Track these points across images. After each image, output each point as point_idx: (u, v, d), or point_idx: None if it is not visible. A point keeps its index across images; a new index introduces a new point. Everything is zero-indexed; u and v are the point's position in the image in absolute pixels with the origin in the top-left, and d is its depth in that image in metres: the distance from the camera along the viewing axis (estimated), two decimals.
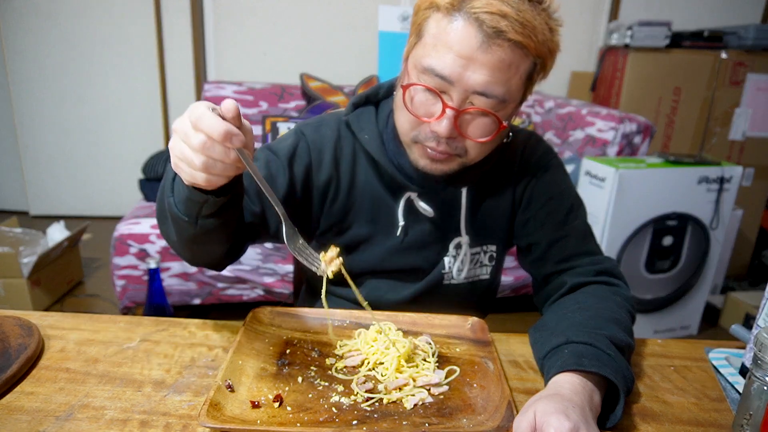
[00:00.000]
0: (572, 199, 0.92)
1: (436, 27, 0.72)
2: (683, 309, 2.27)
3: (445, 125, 0.74)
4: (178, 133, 0.60)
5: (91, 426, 0.60)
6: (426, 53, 0.73)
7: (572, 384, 0.64)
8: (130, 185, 3.17)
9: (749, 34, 2.55)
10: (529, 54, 0.72)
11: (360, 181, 0.90)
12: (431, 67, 0.72)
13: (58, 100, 3.17)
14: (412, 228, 0.90)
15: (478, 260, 0.95)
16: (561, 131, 2.65)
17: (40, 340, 0.75)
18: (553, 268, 0.90)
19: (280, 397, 0.65)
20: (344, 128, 0.90)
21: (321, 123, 0.91)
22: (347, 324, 0.84)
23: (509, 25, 0.68)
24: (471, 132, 0.76)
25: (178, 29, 3.04)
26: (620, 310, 0.78)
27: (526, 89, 0.77)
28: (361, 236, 0.91)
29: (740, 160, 2.73)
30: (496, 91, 0.72)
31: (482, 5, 0.68)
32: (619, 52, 2.69)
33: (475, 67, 0.70)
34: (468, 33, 0.69)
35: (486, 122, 0.75)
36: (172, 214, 0.70)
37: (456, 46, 0.70)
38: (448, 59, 0.71)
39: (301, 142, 0.88)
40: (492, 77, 0.71)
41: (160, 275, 1.52)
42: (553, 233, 0.90)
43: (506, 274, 2.22)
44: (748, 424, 0.60)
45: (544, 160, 0.93)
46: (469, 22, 0.69)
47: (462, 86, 0.72)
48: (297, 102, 2.79)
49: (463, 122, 0.75)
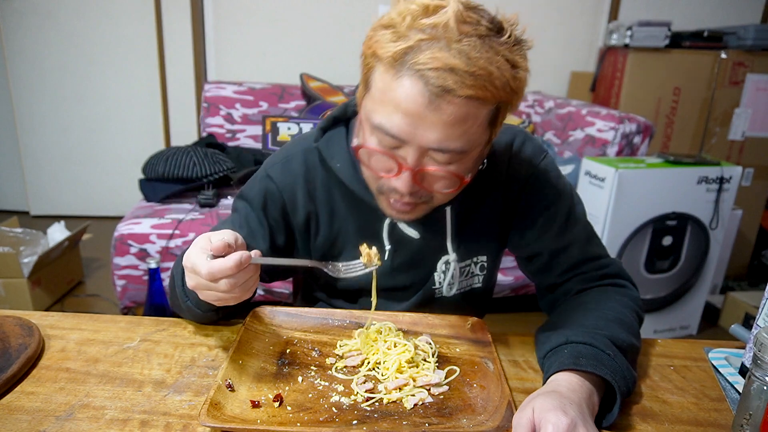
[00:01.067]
0: (569, 201, 0.88)
1: (381, 81, 0.65)
2: (683, 309, 2.27)
3: (404, 184, 0.69)
4: (198, 284, 0.66)
5: (91, 426, 0.61)
6: (374, 109, 0.67)
7: (570, 382, 0.64)
8: (130, 185, 3.16)
9: (749, 35, 2.55)
10: (486, 103, 0.64)
11: (339, 210, 0.87)
12: (381, 125, 0.66)
13: (58, 100, 3.17)
14: (399, 250, 0.88)
15: (468, 272, 0.93)
16: (561, 131, 2.65)
17: (41, 340, 0.75)
18: (557, 279, 0.88)
19: (280, 397, 0.65)
20: (313, 158, 0.86)
21: (287, 159, 0.87)
22: (347, 324, 0.84)
23: (458, 80, 0.60)
24: (433, 186, 0.72)
25: (178, 29, 3.04)
26: (625, 310, 0.77)
27: (492, 131, 0.70)
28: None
29: (740, 160, 2.73)
30: (452, 146, 0.65)
31: (426, 60, 0.60)
32: (618, 52, 2.69)
33: (426, 126, 0.64)
34: (414, 91, 0.62)
35: (447, 177, 0.70)
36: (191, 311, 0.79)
37: (402, 105, 0.63)
38: (396, 119, 0.64)
39: (270, 187, 0.86)
40: (445, 134, 0.64)
41: (160, 275, 1.52)
42: (555, 243, 0.86)
43: (506, 274, 2.22)
44: (747, 424, 0.60)
45: (534, 162, 0.87)
46: (415, 79, 0.61)
47: (415, 144, 0.65)
48: (297, 102, 2.79)
49: (424, 177, 0.70)
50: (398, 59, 0.62)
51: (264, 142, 2.60)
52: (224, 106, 2.74)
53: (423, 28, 0.62)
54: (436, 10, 0.63)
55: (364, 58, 0.68)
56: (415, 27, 0.62)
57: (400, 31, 0.63)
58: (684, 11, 3.14)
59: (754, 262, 2.93)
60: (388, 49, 0.63)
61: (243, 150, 2.65)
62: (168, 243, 2.00)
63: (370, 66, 0.67)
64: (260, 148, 2.69)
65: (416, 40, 0.61)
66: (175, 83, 3.14)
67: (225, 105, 2.74)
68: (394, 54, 0.62)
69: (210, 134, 2.74)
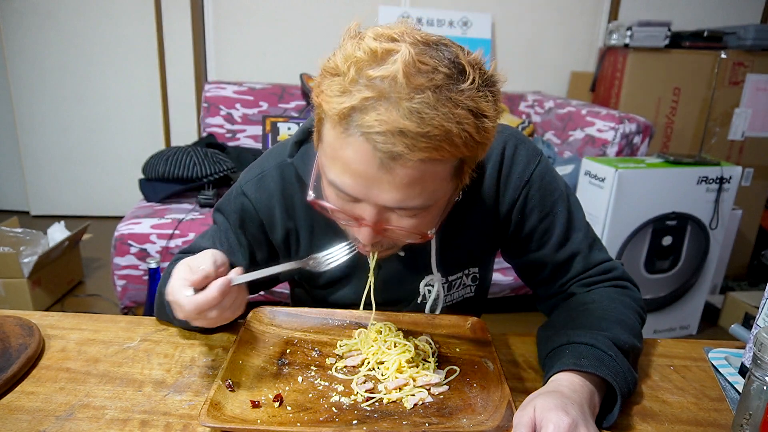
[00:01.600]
0: (567, 207, 0.84)
1: (331, 137, 0.59)
2: (683, 309, 2.27)
3: (365, 236, 0.65)
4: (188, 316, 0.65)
5: (91, 426, 0.61)
6: (327, 164, 0.62)
7: (571, 382, 0.64)
8: (130, 185, 3.16)
9: (749, 35, 2.55)
10: (446, 160, 0.58)
11: (319, 226, 0.84)
12: (334, 183, 0.61)
13: (58, 100, 3.17)
14: (384, 267, 0.85)
15: (460, 284, 0.91)
16: (561, 131, 2.65)
17: (41, 340, 0.76)
18: (560, 288, 0.86)
19: (280, 397, 0.65)
20: (289, 174, 0.82)
21: (262, 175, 0.83)
22: (347, 324, 0.84)
23: (410, 143, 0.54)
24: (396, 237, 0.67)
25: (178, 29, 3.04)
26: (627, 311, 0.77)
27: (459, 181, 0.65)
28: (337, 276, 0.88)
29: (740, 160, 2.73)
30: (412, 204, 0.60)
31: (373, 122, 0.54)
32: (618, 52, 2.70)
33: (381, 187, 0.58)
34: (363, 154, 0.56)
35: (408, 233, 0.66)
36: (182, 326, 0.81)
37: (353, 165, 0.58)
38: (348, 179, 0.59)
39: (245, 205, 0.84)
40: (403, 194, 0.59)
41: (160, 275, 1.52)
42: (558, 255, 0.83)
43: (506, 274, 2.22)
44: (747, 424, 0.60)
45: (528, 169, 0.81)
46: (362, 141, 0.56)
47: (372, 202, 0.61)
48: (297, 102, 2.79)
49: (386, 230, 0.65)
50: (344, 118, 0.56)
51: (264, 142, 2.60)
52: (224, 106, 2.74)
53: (370, 81, 0.55)
54: (385, 57, 0.55)
55: (315, 106, 0.62)
56: (361, 79, 0.55)
57: (345, 84, 0.56)
58: (684, 11, 3.14)
59: (754, 262, 2.93)
60: (333, 105, 0.57)
61: (243, 150, 2.65)
62: (168, 243, 2.00)
63: (320, 117, 0.62)
64: (260, 148, 2.70)
65: (361, 99, 0.55)
66: (175, 83, 3.14)
67: (225, 105, 2.74)
68: (339, 113, 0.56)
69: (210, 134, 2.74)
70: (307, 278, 0.93)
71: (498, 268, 2.15)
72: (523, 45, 3.14)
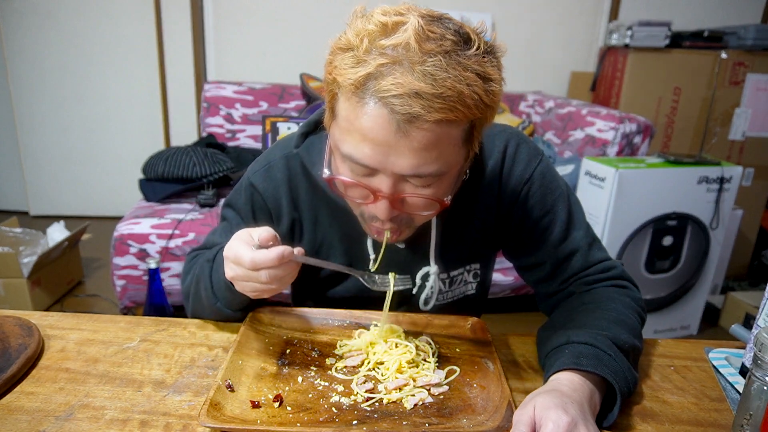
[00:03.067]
0: (567, 205, 0.85)
1: (346, 110, 0.62)
2: (683, 309, 2.27)
3: (382, 210, 0.67)
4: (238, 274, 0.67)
5: (91, 426, 0.60)
6: (342, 138, 0.64)
7: (571, 381, 0.64)
8: (130, 185, 3.16)
9: (749, 34, 2.55)
10: (459, 122, 0.61)
11: (323, 218, 0.85)
12: (350, 155, 0.63)
13: (58, 100, 3.17)
14: (384, 259, 0.84)
15: (461, 280, 0.91)
16: (561, 131, 2.65)
17: (40, 340, 0.75)
18: (560, 287, 0.86)
19: (280, 397, 0.65)
20: (295, 164, 0.84)
21: (269, 167, 0.85)
22: (347, 324, 0.84)
23: (426, 105, 0.57)
24: (413, 209, 0.69)
25: (178, 29, 3.04)
26: (627, 311, 0.77)
27: (469, 148, 0.67)
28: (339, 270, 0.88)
29: (740, 160, 2.73)
30: (428, 170, 0.63)
31: (390, 86, 0.57)
32: (618, 52, 2.69)
33: (397, 154, 0.61)
34: (380, 119, 0.59)
35: (425, 201, 0.68)
36: (218, 312, 0.81)
37: (369, 134, 0.60)
38: (365, 149, 0.61)
39: (255, 196, 0.86)
40: (419, 160, 0.61)
41: (160, 275, 1.52)
42: (557, 252, 0.84)
43: (506, 274, 2.22)
44: (748, 424, 0.60)
45: (529, 168, 0.83)
46: (379, 106, 0.58)
47: (388, 173, 0.63)
48: (297, 102, 2.79)
49: (403, 201, 0.67)
50: (360, 87, 0.59)
51: (264, 142, 2.60)
52: (224, 106, 2.74)
53: (383, 50, 0.58)
54: (396, 28, 0.58)
55: (327, 84, 0.65)
56: (374, 49, 0.58)
57: (359, 55, 0.59)
58: (684, 11, 3.14)
59: (754, 262, 2.93)
60: (348, 76, 0.59)
61: (243, 150, 2.65)
62: (168, 243, 2.00)
63: (333, 93, 0.64)
64: (260, 148, 2.70)
65: (376, 66, 0.57)
66: (175, 83, 3.14)
67: (225, 105, 2.74)
68: (355, 81, 0.58)
69: (210, 134, 2.74)
70: (307, 271, 0.93)
71: (498, 268, 2.15)
72: (522, 45, 3.14)
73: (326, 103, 0.67)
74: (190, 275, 0.87)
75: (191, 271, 0.88)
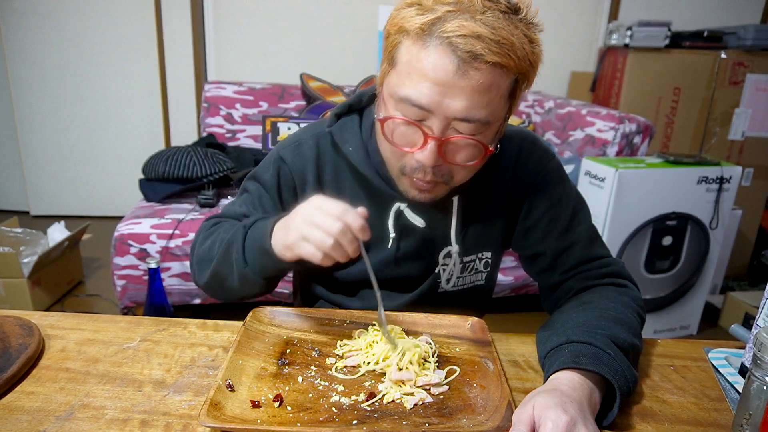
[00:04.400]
0: (574, 202, 0.90)
1: (408, 54, 0.68)
2: (683, 309, 2.27)
3: (429, 155, 0.71)
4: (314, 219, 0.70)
5: (91, 426, 0.61)
6: (400, 82, 0.69)
7: (571, 380, 0.64)
8: (130, 185, 3.17)
9: (749, 35, 2.55)
10: (509, 72, 0.68)
11: (346, 196, 0.87)
12: (407, 97, 0.68)
13: (58, 100, 3.17)
14: (403, 239, 0.88)
15: (473, 267, 0.94)
16: (561, 131, 2.65)
17: (41, 340, 0.76)
18: (560, 278, 0.88)
19: (280, 397, 0.65)
20: (325, 142, 0.88)
21: (299, 143, 0.89)
22: (347, 324, 0.84)
23: (485, 47, 0.64)
24: (457, 158, 0.74)
25: (178, 29, 3.04)
26: (626, 310, 0.77)
27: (511, 105, 0.74)
28: None
29: (740, 160, 2.73)
30: (477, 115, 0.68)
31: (454, 28, 0.64)
32: (618, 52, 2.70)
33: (454, 94, 0.67)
34: (442, 59, 0.65)
35: (471, 147, 0.73)
36: (246, 279, 0.81)
37: (431, 74, 0.66)
38: (424, 88, 0.67)
39: (282, 169, 0.88)
40: (472, 102, 0.67)
41: (160, 275, 1.52)
42: (558, 243, 0.88)
43: (506, 274, 2.22)
44: (747, 424, 0.60)
45: (542, 164, 0.89)
46: (443, 47, 0.65)
47: (442, 114, 0.68)
48: (297, 102, 2.79)
49: (448, 149, 0.72)
50: (426, 30, 0.66)
51: (264, 142, 2.61)
52: (224, 106, 2.74)
53: (448, 2, 0.66)
54: None
55: (388, 36, 0.71)
56: (439, 4, 0.66)
57: (426, 5, 0.66)
58: (684, 11, 3.14)
59: (754, 262, 2.93)
60: (415, 22, 0.66)
61: (243, 150, 2.65)
62: (168, 243, 2.00)
63: (395, 42, 0.70)
64: (260, 148, 2.70)
65: (443, 12, 0.65)
66: (175, 83, 3.14)
67: (225, 105, 2.74)
68: (422, 25, 0.66)
69: (210, 134, 2.74)
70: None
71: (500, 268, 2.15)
72: None
73: (384, 55, 0.73)
74: (210, 240, 0.87)
75: (211, 236, 0.87)
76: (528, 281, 2.26)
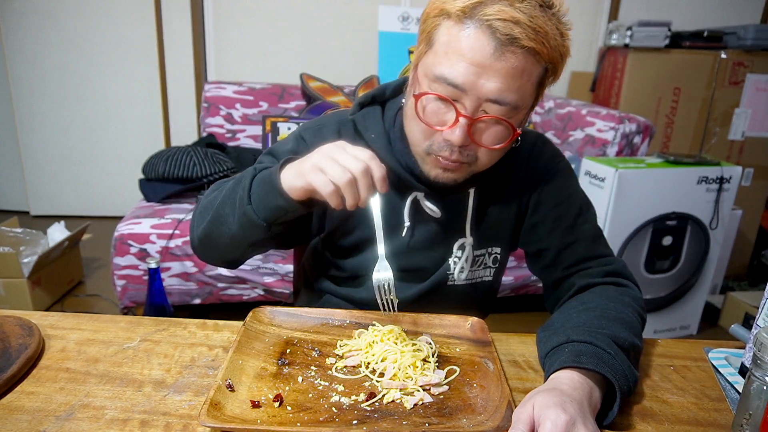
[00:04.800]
0: (580, 202, 0.92)
1: (447, 35, 0.71)
2: (683, 309, 2.27)
3: (459, 133, 0.73)
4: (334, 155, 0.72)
5: (91, 426, 0.61)
6: (437, 61, 0.72)
7: (571, 380, 0.64)
8: (130, 185, 3.17)
9: (749, 35, 2.55)
10: (541, 60, 0.71)
11: None
12: (443, 75, 0.71)
13: (58, 100, 3.17)
14: (418, 228, 0.90)
15: (482, 262, 0.95)
16: (561, 131, 2.65)
17: (41, 340, 0.76)
18: (562, 273, 0.89)
19: (280, 397, 0.65)
20: (347, 129, 0.90)
21: (322, 125, 0.91)
22: (347, 324, 0.84)
23: (522, 32, 0.67)
24: (484, 140, 0.76)
25: (178, 29, 3.04)
26: (627, 310, 0.77)
27: (538, 94, 0.77)
28: (367, 237, 0.91)
29: (740, 160, 2.73)
30: (509, 99, 0.71)
31: (494, 12, 0.67)
32: (618, 52, 2.70)
33: (489, 75, 0.69)
34: (481, 40, 0.68)
35: (499, 130, 0.75)
36: (246, 220, 0.79)
37: (468, 54, 0.69)
38: (461, 67, 0.70)
39: (301, 146, 0.89)
40: (505, 84, 0.70)
41: (160, 275, 1.52)
42: (562, 239, 0.89)
43: (506, 274, 2.22)
44: (747, 424, 0.60)
45: (552, 163, 0.92)
46: (482, 29, 0.68)
47: (475, 94, 0.71)
48: (297, 102, 2.79)
49: (477, 130, 0.75)
50: (467, 12, 0.69)
51: (264, 142, 2.61)
52: (224, 106, 2.74)
53: None
54: None
55: (427, 19, 0.75)
56: None
57: None
58: (684, 11, 3.14)
59: (754, 262, 2.93)
60: (456, 4, 0.69)
61: (243, 150, 2.65)
62: (168, 243, 2.00)
63: (434, 24, 0.73)
64: (260, 148, 2.70)
65: None
66: (175, 83, 3.14)
67: (225, 105, 2.74)
68: (464, 8, 0.69)
69: (210, 134, 2.74)
70: (336, 233, 0.93)
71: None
72: None
73: (421, 38, 0.76)
74: (216, 192, 0.86)
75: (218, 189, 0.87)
76: (528, 281, 2.26)
